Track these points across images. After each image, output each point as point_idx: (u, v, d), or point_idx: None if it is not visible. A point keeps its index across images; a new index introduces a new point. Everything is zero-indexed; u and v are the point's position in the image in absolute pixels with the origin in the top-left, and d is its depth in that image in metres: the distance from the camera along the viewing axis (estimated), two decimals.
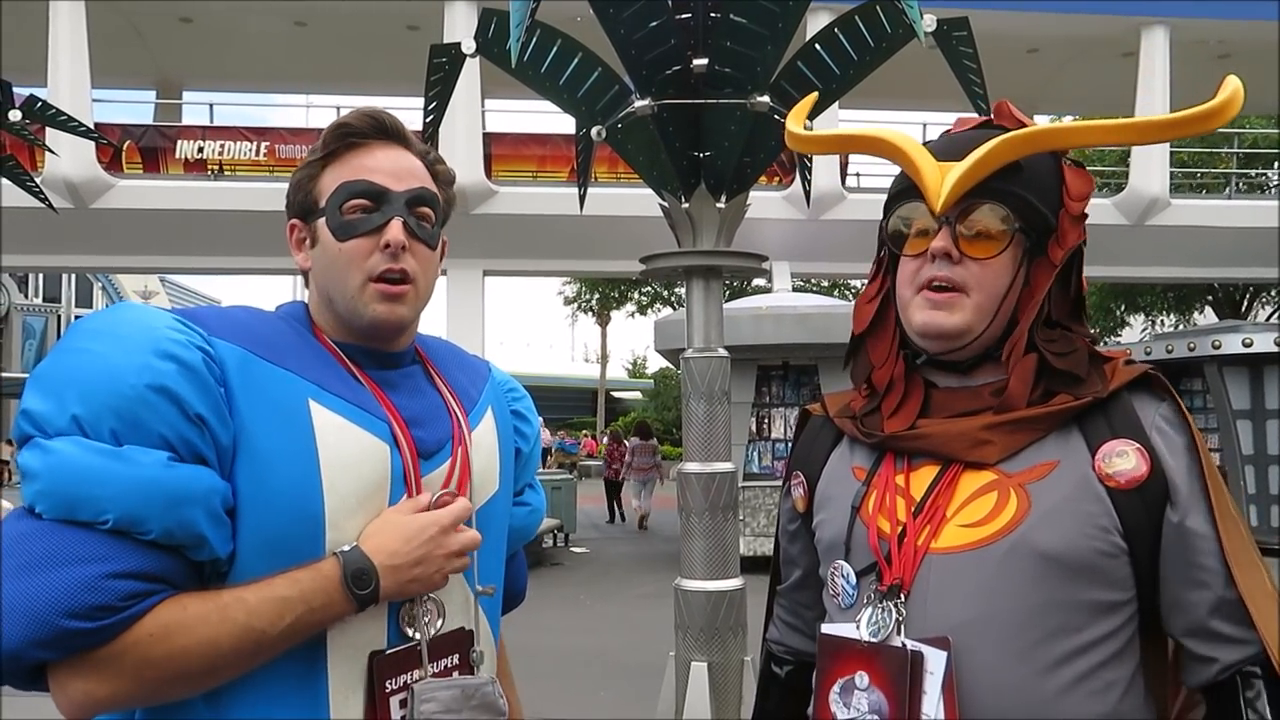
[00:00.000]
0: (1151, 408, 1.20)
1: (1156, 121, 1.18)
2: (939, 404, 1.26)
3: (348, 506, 1.13)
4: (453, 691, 1.19)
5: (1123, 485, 1.14)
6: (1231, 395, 12.02)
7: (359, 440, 1.16)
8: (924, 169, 1.22)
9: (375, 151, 1.26)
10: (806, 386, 11.37)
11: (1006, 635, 1.12)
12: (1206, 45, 15.06)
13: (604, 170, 13.72)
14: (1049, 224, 1.23)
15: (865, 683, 1.16)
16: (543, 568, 11.74)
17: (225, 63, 16.16)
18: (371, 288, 1.21)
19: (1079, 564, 1.13)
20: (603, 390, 41.94)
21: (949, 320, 1.21)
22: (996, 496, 1.17)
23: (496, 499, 1.33)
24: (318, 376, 1.17)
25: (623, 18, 3.11)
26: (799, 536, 1.45)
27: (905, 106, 15.92)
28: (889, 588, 1.18)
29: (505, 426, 1.42)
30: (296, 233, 1.28)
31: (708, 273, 3.42)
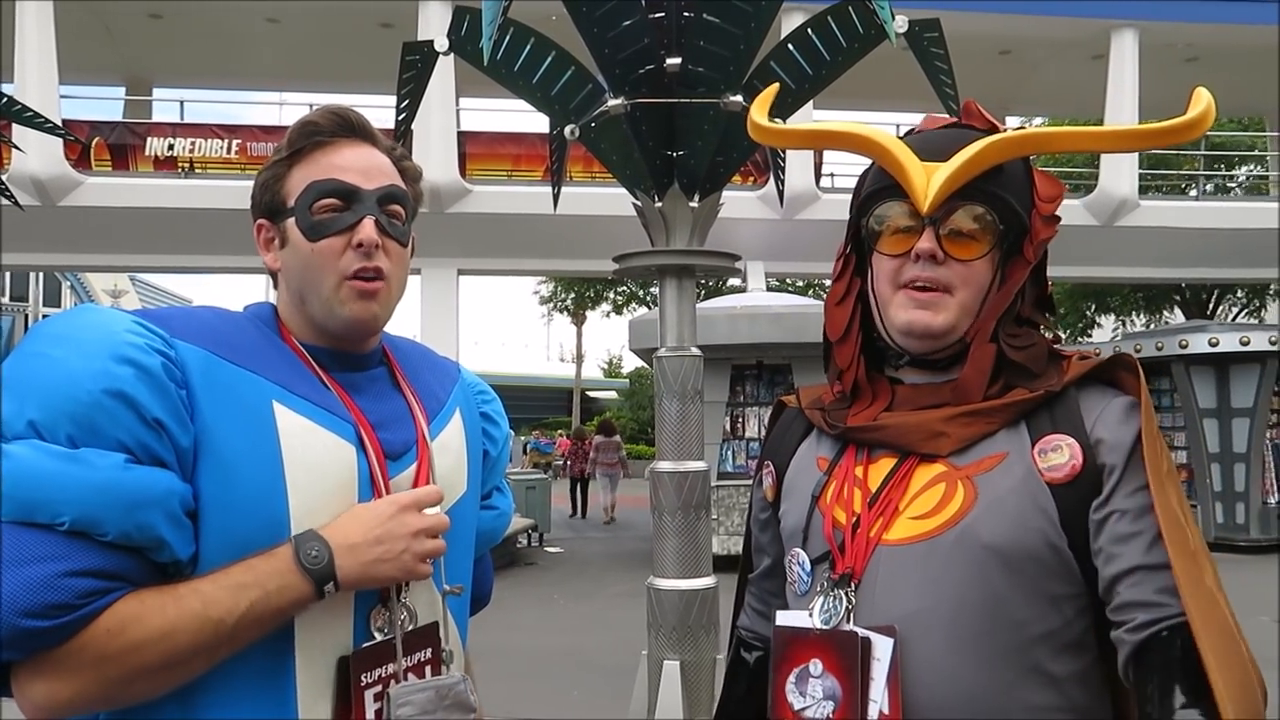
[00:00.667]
0: (1099, 402, 1.21)
1: (1137, 131, 1.21)
2: (903, 399, 1.28)
3: (313, 508, 1.13)
4: (427, 694, 1.19)
5: (1058, 479, 1.16)
6: (1198, 394, 12.19)
7: (324, 442, 1.16)
8: (910, 168, 1.22)
9: (343, 150, 1.25)
10: (780, 386, 11.41)
11: (950, 626, 1.13)
12: (1175, 48, 15.25)
13: (579, 169, 13.70)
14: (1024, 224, 1.25)
15: (819, 669, 1.18)
16: (516, 567, 11.72)
17: (196, 59, 16.00)
18: (346, 286, 1.21)
19: (1023, 556, 1.14)
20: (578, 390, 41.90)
21: (935, 319, 1.21)
22: (945, 488, 1.19)
23: (464, 501, 1.33)
24: (282, 378, 1.16)
25: (596, 16, 3.11)
26: (768, 525, 1.46)
27: (878, 107, 15.99)
28: (840, 576, 1.20)
29: (473, 429, 1.41)
30: (264, 233, 1.26)
31: (681, 272, 3.43)
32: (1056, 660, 1.15)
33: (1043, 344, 1.26)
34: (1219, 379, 12.12)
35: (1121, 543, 1.12)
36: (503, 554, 11.69)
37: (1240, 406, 12.00)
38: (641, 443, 31.18)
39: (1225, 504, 12.11)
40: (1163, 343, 12.40)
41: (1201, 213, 15.73)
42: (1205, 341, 11.92)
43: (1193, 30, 14.96)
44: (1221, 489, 12.14)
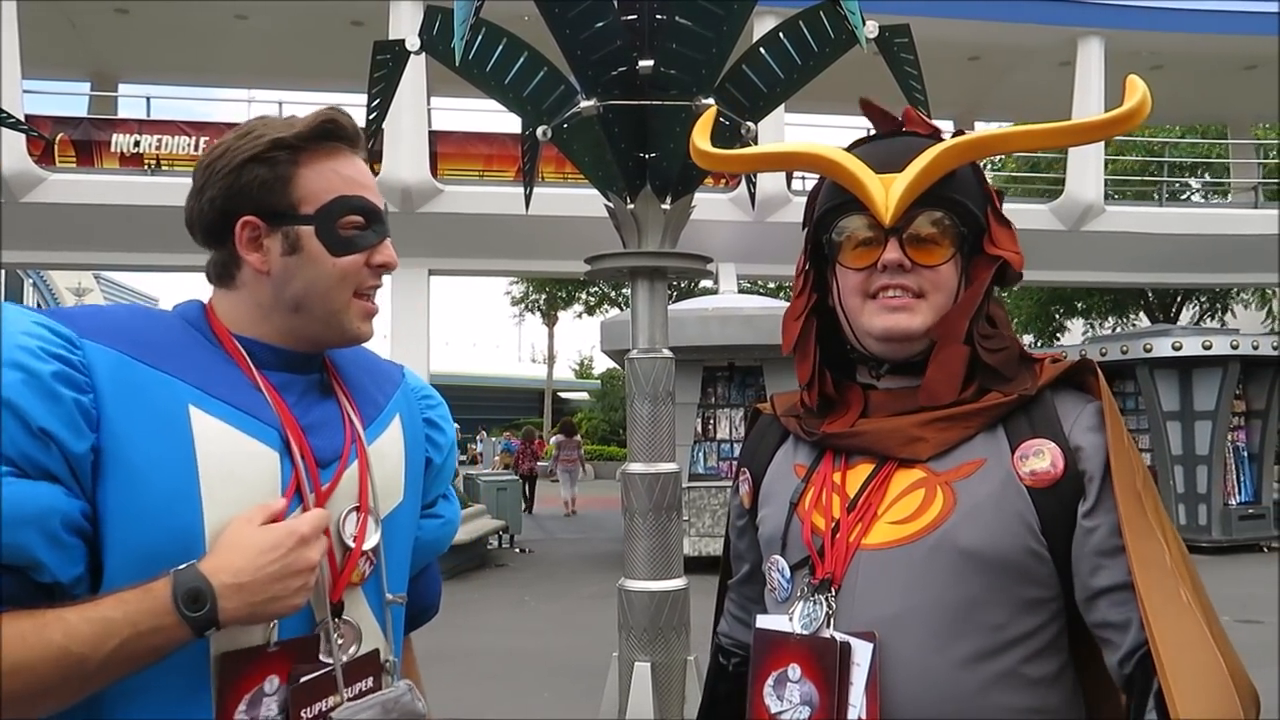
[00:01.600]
0: (1075, 408, 1.22)
1: (1082, 125, 1.24)
2: (877, 404, 1.29)
3: (232, 515, 1.07)
4: (373, 710, 1.15)
5: (1039, 484, 1.17)
6: (1162, 397, 12.36)
7: (244, 447, 1.11)
8: (868, 183, 1.23)
9: (353, 160, 1.23)
10: (752, 387, 11.44)
11: (929, 630, 1.14)
12: (1140, 55, 15.46)
13: (551, 170, 13.68)
14: (981, 225, 1.27)
15: (797, 674, 1.18)
16: (487, 569, 11.67)
17: (163, 55, 15.83)
18: (356, 305, 1.22)
19: (1001, 561, 1.15)
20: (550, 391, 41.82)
21: (912, 322, 1.23)
22: (924, 494, 1.20)
23: (402, 509, 1.29)
24: (202, 380, 1.11)
25: (569, 18, 3.11)
26: (746, 532, 1.47)
27: (849, 111, 16.09)
28: (820, 582, 1.20)
29: (414, 436, 1.37)
30: (251, 231, 1.18)
31: (652, 274, 3.43)
32: (1032, 663, 1.16)
33: (1015, 347, 1.27)
34: (1182, 382, 12.30)
35: (1108, 556, 1.14)
36: (473, 555, 11.64)
37: (1202, 409, 12.18)
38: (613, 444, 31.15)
39: (1188, 506, 12.29)
40: (1128, 346, 12.56)
41: (1166, 218, 15.97)
42: (1169, 345, 12.08)
43: (1158, 39, 15.19)
44: (1184, 491, 12.32)
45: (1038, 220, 14.88)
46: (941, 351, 1.23)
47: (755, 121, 3.40)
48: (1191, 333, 12.83)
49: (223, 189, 1.18)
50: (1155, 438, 12.46)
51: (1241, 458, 12.43)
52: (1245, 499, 12.32)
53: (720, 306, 11.40)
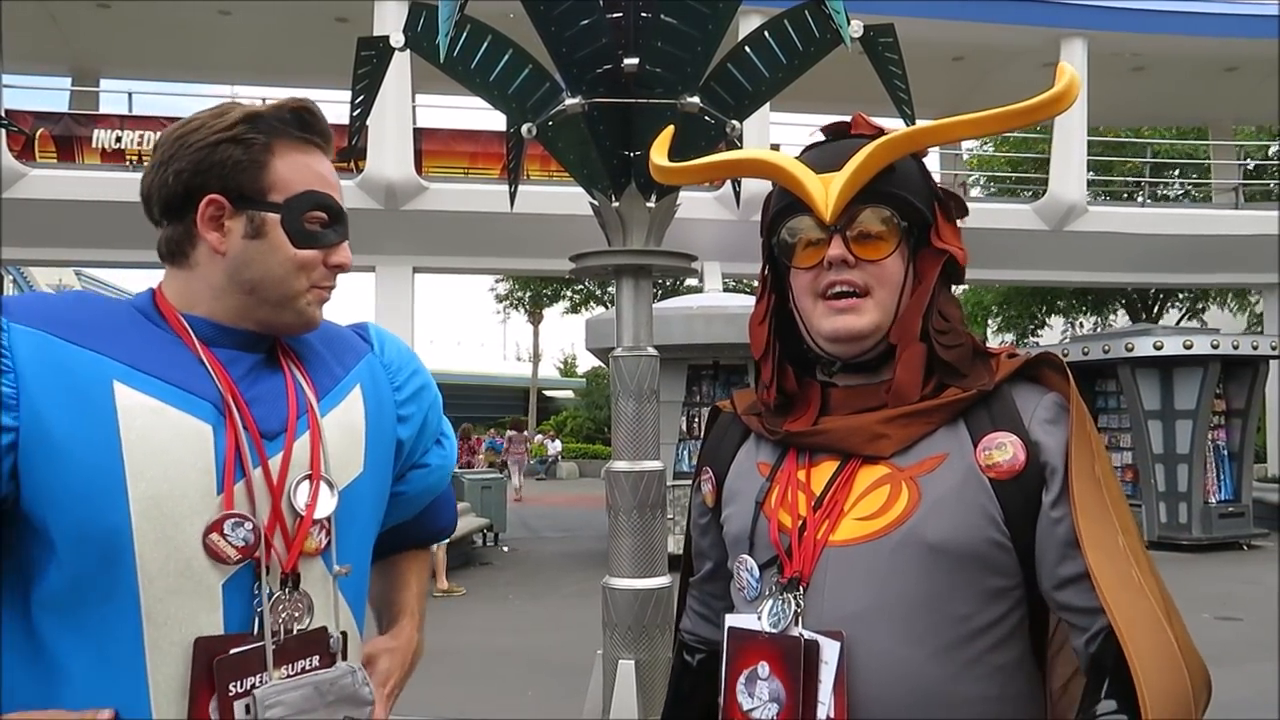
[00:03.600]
0: (1034, 400, 1.25)
1: (1011, 111, 1.27)
2: (837, 402, 1.30)
3: (161, 494, 1.08)
4: (303, 690, 1.13)
5: (1002, 476, 1.19)
6: (1143, 396, 12.45)
7: (173, 422, 1.10)
8: (807, 183, 1.26)
9: (322, 159, 1.25)
10: (737, 386, 11.45)
11: (897, 624, 1.16)
12: (1122, 57, 15.57)
13: (536, 168, 13.65)
14: (926, 219, 1.29)
15: (766, 672, 1.20)
16: (472, 567, 11.65)
17: (145, 50, 15.71)
18: (314, 293, 1.24)
19: (966, 553, 1.17)
20: (534, 389, 41.76)
21: (859, 321, 1.25)
22: (889, 489, 1.22)
23: (361, 481, 1.28)
24: (133, 357, 1.11)
25: (554, 15, 3.11)
26: (709, 530, 1.48)
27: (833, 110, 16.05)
28: (789, 580, 1.22)
29: (379, 406, 1.34)
30: (213, 209, 1.19)
31: (637, 272, 3.43)
32: (996, 651, 1.19)
33: (969, 342, 1.29)
34: (1163, 381, 12.39)
35: (1074, 545, 1.17)
36: (458, 553, 11.61)
37: (1183, 408, 12.28)
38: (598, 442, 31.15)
39: (1169, 504, 12.39)
40: (1109, 345, 12.65)
41: (1147, 219, 16.07)
42: (1150, 345, 12.18)
43: (1140, 40, 15.29)
44: (1165, 489, 12.42)
45: (1021, 220, 14.96)
46: (904, 353, 1.25)
47: (740, 120, 3.40)
48: (1173, 332, 12.93)
49: (192, 164, 1.18)
50: (1136, 436, 12.56)
51: (1221, 456, 12.55)
52: (1225, 497, 12.44)
53: (705, 305, 11.41)
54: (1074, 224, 15.23)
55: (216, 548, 1.11)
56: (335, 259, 1.24)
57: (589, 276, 3.71)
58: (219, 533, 1.11)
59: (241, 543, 1.12)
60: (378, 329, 1.47)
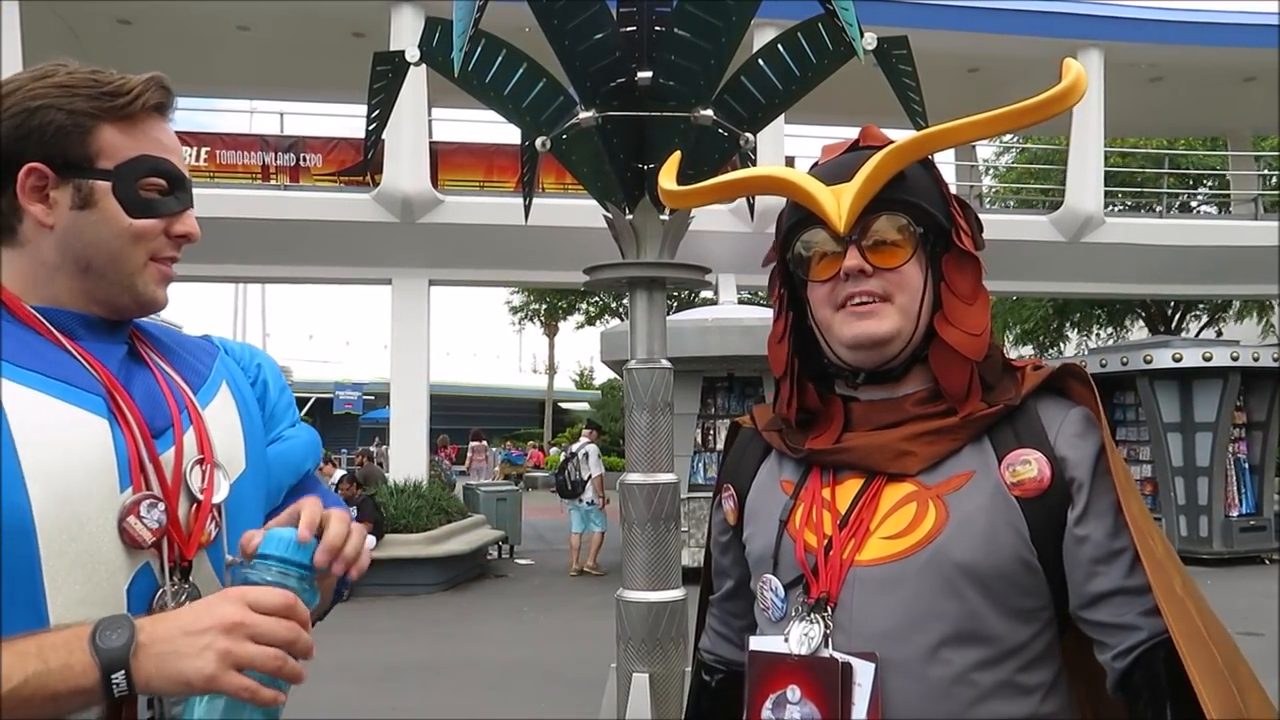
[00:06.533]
0: (1059, 415, 1.23)
1: (1017, 109, 1.25)
2: (859, 417, 1.29)
3: (66, 493, 1.01)
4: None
5: (1028, 493, 1.18)
6: (1162, 408, 12.35)
7: (66, 416, 1.03)
8: (819, 195, 1.25)
9: (163, 125, 1.17)
10: (751, 398, 11.44)
11: (927, 644, 1.15)
12: (1139, 67, 15.50)
13: (551, 181, 13.70)
14: (943, 224, 1.27)
15: (797, 696, 1.18)
16: (487, 580, 11.65)
17: (165, 66, 15.26)
18: (153, 268, 1.15)
19: (995, 573, 1.16)
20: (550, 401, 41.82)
21: (880, 326, 1.23)
22: (916, 508, 1.20)
23: (245, 478, 1.21)
24: (3, 350, 1.04)
25: (567, 29, 3.12)
26: (730, 548, 1.46)
27: (847, 122, 16.11)
28: (816, 601, 1.20)
29: (243, 402, 1.29)
30: (36, 179, 1.09)
31: (651, 284, 3.43)
32: (1027, 672, 1.17)
33: (998, 354, 1.27)
34: (1182, 394, 12.29)
35: (1103, 562, 1.16)
36: (473, 566, 11.62)
37: (1203, 421, 12.17)
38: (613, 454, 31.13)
39: (1189, 517, 12.27)
40: (1128, 357, 12.56)
41: (1166, 230, 15.97)
42: (1169, 357, 12.08)
43: (1157, 50, 15.22)
44: (1185, 502, 12.30)
45: (1037, 231, 14.89)
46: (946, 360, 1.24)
47: (754, 133, 3.40)
48: (1192, 344, 12.83)
49: (9, 129, 1.09)
50: (1156, 449, 12.45)
51: (1242, 469, 12.41)
52: (1246, 511, 12.30)
53: (720, 317, 11.41)
54: (1091, 235, 15.15)
55: (133, 532, 1.05)
56: (179, 228, 1.16)
57: (603, 289, 3.71)
58: (135, 515, 1.05)
59: (155, 524, 1.06)
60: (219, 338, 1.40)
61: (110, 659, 0.91)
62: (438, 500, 11.85)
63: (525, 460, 32.68)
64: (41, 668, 0.90)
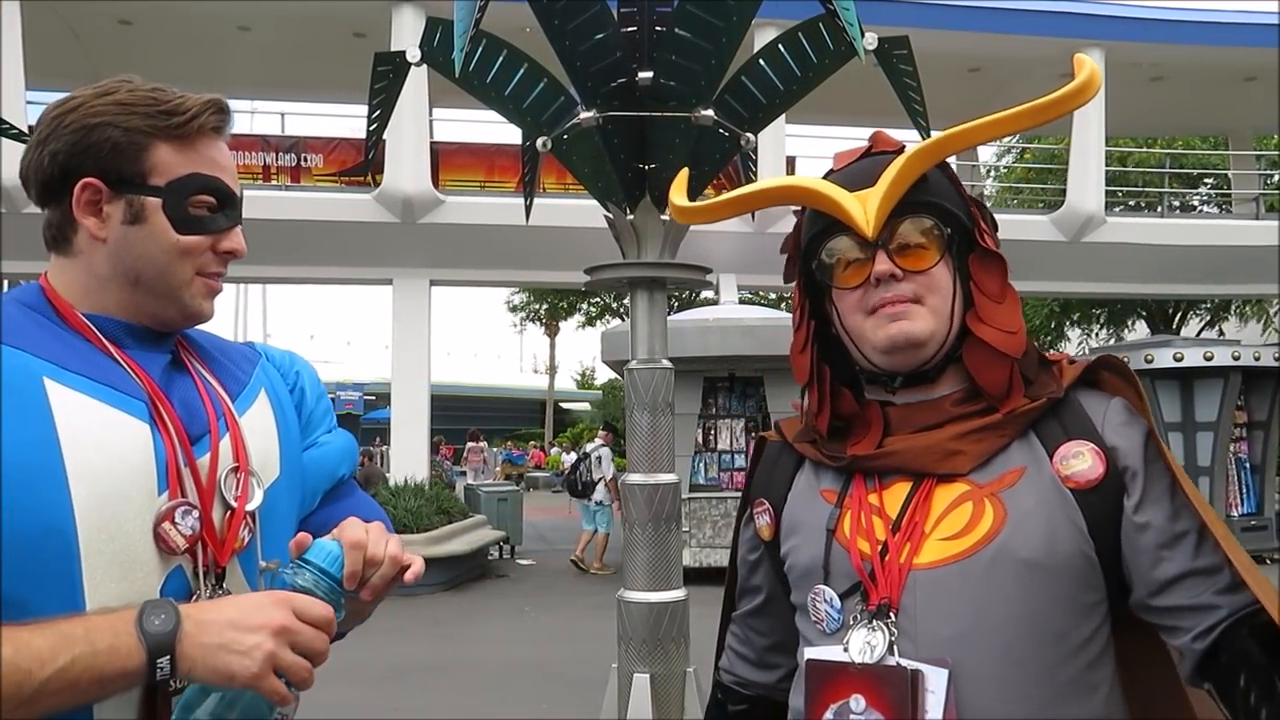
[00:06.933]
0: (1102, 405, 1.23)
1: (1033, 107, 1.24)
2: (898, 421, 1.27)
3: (104, 493, 1.03)
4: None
5: (1082, 486, 1.17)
6: (1163, 408, 12.33)
7: (110, 419, 1.07)
8: (844, 202, 1.24)
9: (221, 145, 1.21)
10: (752, 398, 11.44)
11: (999, 646, 1.13)
12: (1140, 67, 15.49)
13: (552, 181, 13.70)
14: (964, 224, 1.27)
15: (862, 706, 1.15)
16: (488, 580, 11.65)
17: (165, 66, 15.84)
18: (200, 282, 1.19)
19: (1059, 568, 1.15)
20: (551, 401, 41.83)
21: (914, 326, 1.22)
22: (972, 507, 1.18)
23: (279, 485, 1.24)
24: (54, 355, 1.07)
25: (568, 30, 3.12)
26: (760, 565, 1.43)
27: (848, 122, 16.12)
28: (877, 607, 1.17)
29: (280, 409, 1.31)
30: (90, 193, 1.13)
31: (652, 284, 3.44)
32: (1092, 669, 1.16)
33: (1034, 350, 1.27)
34: (1183, 393, 12.28)
35: (1168, 546, 1.15)
36: (474, 566, 11.62)
37: (1204, 420, 12.16)
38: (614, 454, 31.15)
39: None
40: (1129, 357, 12.44)
41: (1167, 229, 15.96)
42: (1170, 356, 12.07)
43: (1158, 50, 15.21)
44: None
45: (1039, 231, 14.88)
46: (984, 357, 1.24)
47: (755, 133, 3.41)
48: (1193, 344, 12.82)
49: (68, 145, 1.13)
50: None
51: (1243, 469, 12.40)
52: (1247, 510, 12.28)
53: (721, 317, 11.41)
54: (1092, 235, 15.14)
55: (167, 537, 1.07)
56: (226, 245, 1.19)
57: (604, 289, 3.72)
58: (170, 521, 1.08)
59: (189, 531, 1.09)
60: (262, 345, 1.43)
61: (157, 643, 0.94)
62: (438, 500, 11.86)
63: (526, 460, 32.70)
64: (88, 649, 0.92)
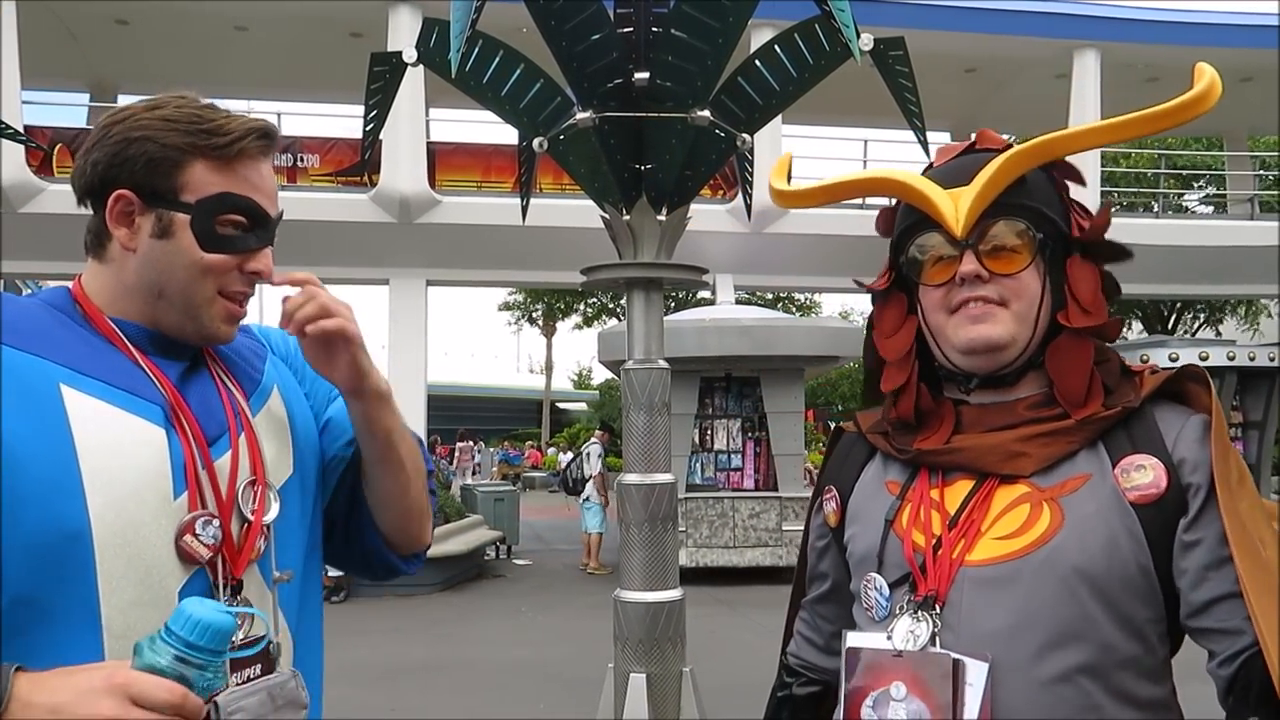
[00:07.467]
0: (1177, 421, 1.21)
1: (1147, 115, 1.22)
2: (970, 420, 1.27)
3: (119, 498, 1.05)
4: (259, 696, 1.11)
5: (1143, 500, 1.16)
6: None
7: (125, 425, 1.08)
8: (936, 199, 1.24)
9: (260, 166, 1.21)
10: (749, 398, 11.45)
11: (1040, 646, 1.13)
12: (1135, 68, 15.53)
13: (548, 181, 13.70)
14: (1061, 229, 1.26)
15: (902, 693, 1.16)
16: (484, 580, 11.65)
17: (162, 66, 15.84)
18: (221, 304, 1.19)
19: (1112, 578, 1.14)
20: (547, 401, 41.83)
21: (994, 330, 1.22)
22: (1029, 509, 1.18)
23: (291, 482, 1.25)
24: (74, 360, 1.09)
25: (564, 30, 3.12)
26: (828, 551, 1.45)
27: (845, 122, 16.15)
28: (924, 599, 1.19)
29: (295, 402, 1.32)
30: (123, 204, 1.15)
31: (648, 284, 3.43)
32: (1140, 684, 1.15)
33: (1116, 359, 1.27)
34: None
35: (1213, 568, 1.13)
36: (470, 566, 11.62)
37: None
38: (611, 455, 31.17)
39: None
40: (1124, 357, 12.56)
41: (1163, 229, 15.99)
42: (1165, 356, 12.12)
43: (1153, 51, 15.24)
44: None
45: None
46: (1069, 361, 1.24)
47: (751, 133, 3.41)
48: (1188, 344, 12.87)
49: (108, 155, 1.16)
50: None
51: None
52: None
53: (717, 318, 11.43)
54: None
55: (190, 549, 1.09)
56: (253, 266, 1.19)
57: (600, 289, 3.72)
58: (191, 533, 1.09)
59: (211, 541, 1.10)
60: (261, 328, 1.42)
61: None
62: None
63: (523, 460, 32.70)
64: None
